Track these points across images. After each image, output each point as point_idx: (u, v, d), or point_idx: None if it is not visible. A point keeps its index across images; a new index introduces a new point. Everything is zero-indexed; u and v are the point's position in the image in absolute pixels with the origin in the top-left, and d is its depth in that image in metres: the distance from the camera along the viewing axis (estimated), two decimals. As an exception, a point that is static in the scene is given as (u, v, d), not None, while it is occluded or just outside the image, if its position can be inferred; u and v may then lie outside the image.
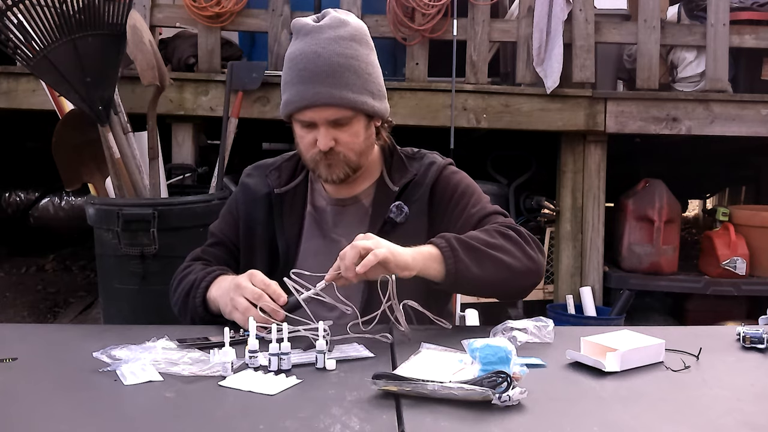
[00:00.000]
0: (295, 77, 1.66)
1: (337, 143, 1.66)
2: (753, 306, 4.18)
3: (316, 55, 1.64)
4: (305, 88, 1.64)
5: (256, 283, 1.53)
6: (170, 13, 4.07)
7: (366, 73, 1.68)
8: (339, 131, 1.66)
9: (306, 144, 1.69)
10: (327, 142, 1.65)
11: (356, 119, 1.67)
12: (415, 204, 1.74)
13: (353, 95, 1.65)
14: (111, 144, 3.31)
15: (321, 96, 1.63)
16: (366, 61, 1.69)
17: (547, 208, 4.60)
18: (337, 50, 1.64)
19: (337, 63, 1.64)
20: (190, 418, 1.13)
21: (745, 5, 4.28)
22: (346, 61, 1.64)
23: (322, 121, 1.65)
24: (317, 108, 1.64)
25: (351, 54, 1.65)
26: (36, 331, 1.90)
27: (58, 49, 3.14)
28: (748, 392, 1.24)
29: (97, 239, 3.38)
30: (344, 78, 1.64)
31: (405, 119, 4.00)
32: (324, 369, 1.30)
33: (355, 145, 1.69)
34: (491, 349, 1.19)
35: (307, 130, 1.68)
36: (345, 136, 1.67)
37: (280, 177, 1.81)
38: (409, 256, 1.49)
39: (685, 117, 4.13)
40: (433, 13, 3.95)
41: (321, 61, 1.63)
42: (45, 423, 1.11)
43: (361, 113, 1.68)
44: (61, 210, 5.90)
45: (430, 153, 1.85)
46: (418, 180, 1.76)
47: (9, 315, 4.41)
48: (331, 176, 1.70)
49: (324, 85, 1.63)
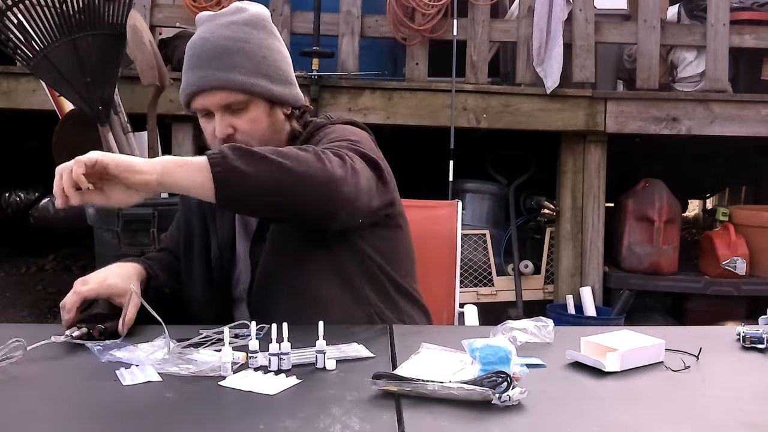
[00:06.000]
0: (186, 65, 1.62)
1: (236, 131, 1.59)
2: (753, 306, 4.18)
3: (203, 41, 1.60)
4: (192, 73, 1.60)
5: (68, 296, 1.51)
6: (170, 13, 4.07)
7: (259, 56, 1.60)
8: (236, 118, 1.59)
9: (209, 135, 1.63)
10: (223, 129, 1.58)
11: (253, 104, 1.60)
12: None
13: (241, 77, 1.57)
14: (111, 144, 3.31)
15: (207, 80, 1.57)
16: (260, 44, 1.61)
17: (547, 208, 4.60)
18: (224, 34, 1.59)
19: (222, 46, 1.58)
20: (190, 418, 1.13)
21: (745, 5, 4.29)
22: (233, 44, 1.58)
23: (215, 107, 1.59)
24: (205, 93, 1.58)
25: (240, 37, 1.59)
26: (36, 331, 1.90)
27: (58, 49, 3.14)
28: (748, 392, 1.24)
29: (97, 239, 3.38)
30: (231, 60, 1.57)
31: (405, 119, 4.00)
32: (324, 369, 1.30)
33: (256, 131, 1.60)
34: (491, 349, 1.19)
35: (207, 120, 1.62)
36: (243, 123, 1.60)
37: None
38: (142, 160, 1.32)
39: (685, 117, 4.13)
40: (433, 13, 3.96)
41: (207, 45, 1.59)
42: (44, 423, 1.11)
43: (257, 97, 1.60)
44: (61, 210, 5.89)
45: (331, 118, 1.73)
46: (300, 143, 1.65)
47: (9, 315, 4.41)
48: None
49: (209, 68, 1.57)
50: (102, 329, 1.43)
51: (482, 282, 4.25)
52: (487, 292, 4.23)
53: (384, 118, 3.98)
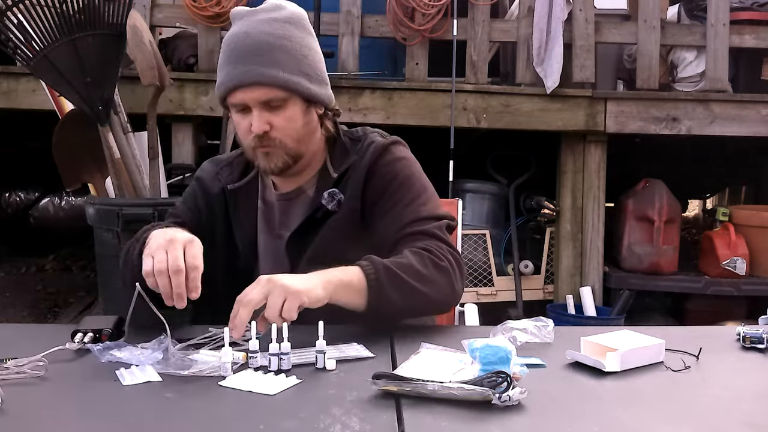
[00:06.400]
0: (225, 59, 1.61)
1: (272, 128, 1.59)
2: (753, 306, 4.18)
3: (245, 35, 1.59)
4: (233, 68, 1.58)
5: (187, 256, 1.38)
6: (170, 13, 4.07)
7: (300, 54, 1.61)
8: (273, 114, 1.60)
9: (242, 130, 1.62)
10: (260, 125, 1.58)
11: (291, 102, 1.60)
12: (352, 187, 1.66)
13: (284, 74, 1.57)
14: (111, 144, 3.31)
15: (249, 74, 1.57)
16: (301, 43, 1.62)
17: (547, 208, 4.60)
18: (266, 30, 1.59)
19: (266, 42, 1.57)
20: (190, 418, 1.13)
21: (745, 5, 4.29)
22: (276, 40, 1.58)
23: (254, 103, 1.58)
24: (246, 88, 1.57)
25: (282, 34, 1.59)
26: (36, 331, 1.90)
27: (58, 49, 3.14)
28: (748, 392, 1.24)
29: (97, 239, 3.38)
30: (274, 56, 1.57)
31: (405, 119, 4.00)
32: (324, 369, 1.30)
33: (292, 130, 1.61)
34: (491, 349, 1.19)
35: (242, 116, 1.61)
36: (280, 120, 1.60)
37: (232, 173, 1.75)
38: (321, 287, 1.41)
39: (685, 117, 4.13)
40: (433, 13, 3.96)
41: (249, 40, 1.58)
42: (44, 423, 1.11)
43: (296, 95, 1.60)
44: (61, 210, 5.90)
45: (373, 132, 1.75)
46: (356, 162, 1.68)
47: (9, 315, 4.40)
48: (269, 165, 1.63)
49: (252, 63, 1.56)
50: (109, 332, 1.43)
51: (482, 282, 4.25)
52: (487, 292, 4.23)
53: (384, 118, 3.98)
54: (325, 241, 1.65)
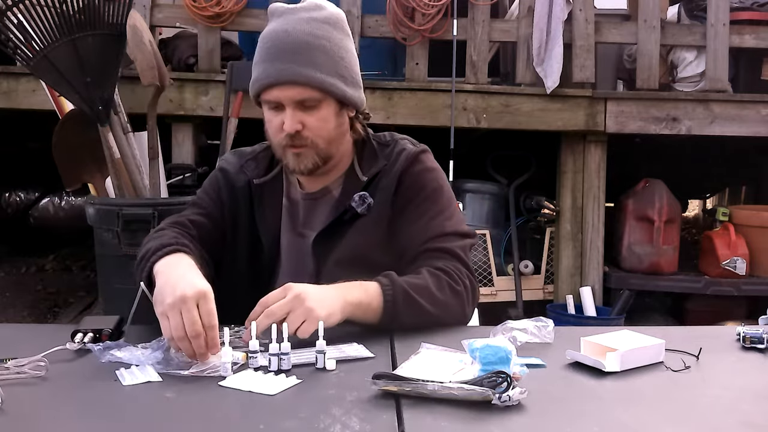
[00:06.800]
0: (262, 56, 1.61)
1: (304, 127, 1.59)
2: (753, 306, 4.18)
3: (285, 34, 1.58)
4: (271, 65, 1.58)
5: (202, 315, 1.32)
6: (170, 13, 4.08)
7: (338, 56, 1.61)
8: (307, 114, 1.59)
9: (274, 128, 1.62)
10: (293, 124, 1.58)
11: (325, 103, 1.60)
12: (382, 192, 1.66)
13: (321, 75, 1.57)
14: (111, 144, 3.31)
15: (286, 73, 1.56)
16: (339, 45, 1.62)
17: (547, 208, 4.60)
18: (306, 29, 1.58)
19: (305, 41, 1.57)
20: (190, 418, 1.13)
21: (745, 5, 4.29)
22: (315, 40, 1.58)
23: (288, 102, 1.58)
24: (282, 86, 1.57)
25: (321, 35, 1.59)
26: (36, 331, 1.90)
27: (58, 49, 3.14)
28: (748, 392, 1.24)
29: (97, 239, 3.38)
30: (312, 56, 1.57)
31: (405, 119, 4.00)
32: (324, 369, 1.29)
33: (324, 131, 1.61)
34: (491, 349, 1.19)
35: (275, 113, 1.61)
36: (313, 121, 1.59)
37: (257, 167, 1.75)
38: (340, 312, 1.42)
39: (685, 117, 4.13)
40: (433, 13, 3.96)
41: (289, 38, 1.58)
42: (44, 423, 1.11)
43: (331, 97, 1.60)
44: (61, 210, 5.90)
45: (402, 139, 1.75)
46: (387, 168, 1.69)
47: (9, 315, 4.41)
48: (299, 166, 1.63)
49: (290, 62, 1.56)
50: (109, 332, 1.43)
51: (482, 282, 4.25)
52: (487, 292, 4.22)
53: (384, 118, 3.98)
54: (352, 243, 1.65)
